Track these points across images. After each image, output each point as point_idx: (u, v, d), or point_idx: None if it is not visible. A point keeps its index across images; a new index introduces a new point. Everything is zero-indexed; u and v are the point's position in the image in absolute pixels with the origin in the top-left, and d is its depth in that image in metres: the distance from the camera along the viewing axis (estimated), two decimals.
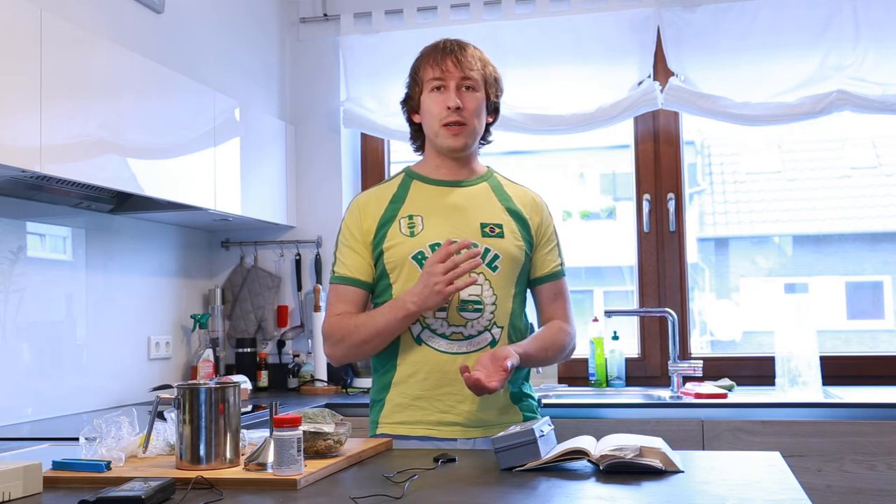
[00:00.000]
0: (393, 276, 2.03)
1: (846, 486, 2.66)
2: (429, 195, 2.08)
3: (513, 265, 2.04)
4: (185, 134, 2.93)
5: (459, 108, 2.01)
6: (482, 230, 2.03)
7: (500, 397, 2.00)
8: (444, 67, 2.03)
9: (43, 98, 2.26)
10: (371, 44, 3.69)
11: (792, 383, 3.07)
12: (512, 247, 2.04)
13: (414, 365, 2.00)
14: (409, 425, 2.00)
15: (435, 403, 1.99)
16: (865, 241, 4.17)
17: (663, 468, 1.55)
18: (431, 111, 2.05)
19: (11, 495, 1.40)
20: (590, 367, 3.42)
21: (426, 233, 2.01)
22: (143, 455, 1.69)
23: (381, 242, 2.03)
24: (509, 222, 2.06)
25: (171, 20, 3.11)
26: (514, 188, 2.15)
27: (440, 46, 2.09)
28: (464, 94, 2.03)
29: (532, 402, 2.10)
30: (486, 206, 2.07)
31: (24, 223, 2.69)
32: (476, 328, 1.98)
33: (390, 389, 2.04)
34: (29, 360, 2.68)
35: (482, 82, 2.06)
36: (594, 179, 4.39)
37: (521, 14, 3.54)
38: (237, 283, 3.72)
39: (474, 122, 2.05)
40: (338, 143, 3.75)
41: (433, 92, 2.05)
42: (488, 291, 2.00)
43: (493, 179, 2.15)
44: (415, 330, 1.99)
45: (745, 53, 3.38)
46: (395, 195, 2.09)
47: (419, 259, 1.99)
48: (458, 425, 1.98)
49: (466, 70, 2.03)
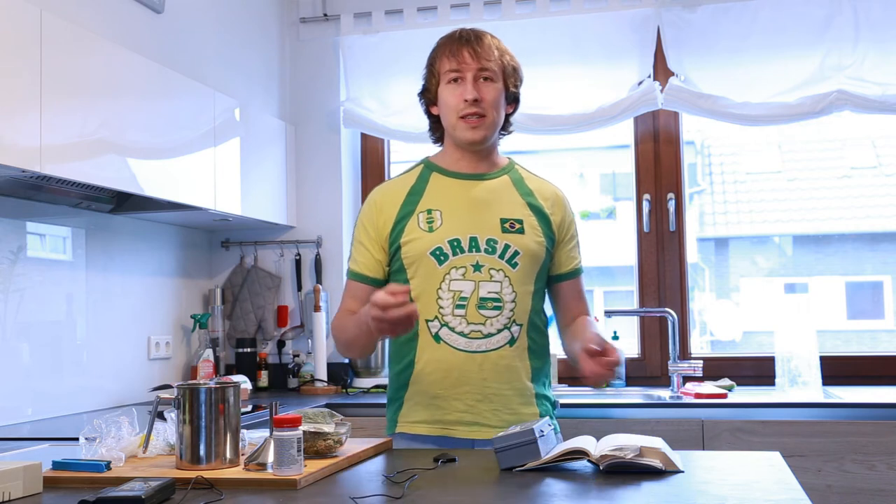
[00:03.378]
0: (410, 271, 2.00)
1: (846, 486, 2.66)
2: (448, 188, 2.05)
3: (533, 262, 2.00)
4: (185, 134, 2.93)
5: (477, 100, 1.97)
6: (502, 225, 2.00)
7: (521, 396, 1.99)
8: (460, 59, 1.99)
9: (43, 98, 2.26)
10: (371, 44, 3.69)
11: (792, 383, 3.07)
12: (532, 243, 2.00)
13: (432, 363, 1.98)
14: (428, 424, 1.99)
15: (454, 403, 1.97)
16: (865, 241, 4.17)
17: (663, 468, 1.55)
18: (449, 103, 2.01)
19: (11, 495, 1.40)
20: None
21: (445, 228, 1.99)
22: (143, 455, 1.69)
23: (398, 237, 2.01)
24: (530, 218, 2.03)
25: (171, 20, 3.11)
26: (536, 182, 2.11)
27: (456, 36, 2.03)
28: (481, 85, 1.98)
29: (548, 404, 2.07)
30: (507, 200, 2.04)
31: (24, 223, 2.69)
32: (495, 326, 1.96)
33: (408, 388, 2.02)
34: (29, 360, 2.68)
35: (500, 73, 2.01)
36: (594, 179, 4.39)
37: (521, 14, 3.54)
38: (237, 283, 3.72)
39: (493, 113, 2.00)
40: (338, 143, 3.75)
41: (450, 84, 2.00)
42: (508, 288, 1.97)
43: (514, 172, 2.10)
44: (433, 327, 1.97)
45: (745, 53, 3.38)
46: (413, 187, 2.06)
47: (437, 255, 1.97)
48: (477, 425, 1.96)
49: (483, 61, 1.98)
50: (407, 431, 2.01)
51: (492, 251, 1.97)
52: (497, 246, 1.98)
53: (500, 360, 1.96)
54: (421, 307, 1.98)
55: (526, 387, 2.00)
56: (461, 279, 1.96)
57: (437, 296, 1.97)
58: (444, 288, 1.97)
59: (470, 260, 1.97)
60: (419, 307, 1.98)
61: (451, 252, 1.97)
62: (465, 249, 1.97)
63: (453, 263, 1.97)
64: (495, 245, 1.98)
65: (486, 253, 1.97)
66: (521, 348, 1.99)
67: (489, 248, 1.97)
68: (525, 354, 2.00)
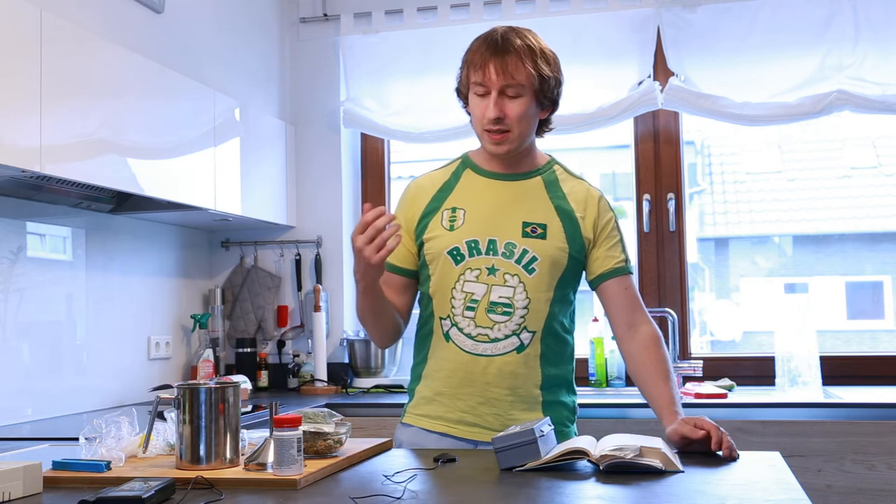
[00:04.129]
0: (431, 267, 2.00)
1: (846, 486, 2.66)
2: (477, 187, 2.03)
3: (552, 268, 1.96)
4: (185, 134, 2.93)
5: (500, 119, 1.92)
6: (523, 230, 1.97)
7: (524, 403, 1.97)
8: (486, 73, 1.91)
9: (43, 98, 2.26)
10: (371, 44, 3.69)
11: (792, 383, 3.07)
12: (553, 249, 1.96)
13: (440, 360, 1.99)
14: (431, 419, 1.99)
15: (456, 402, 1.97)
16: (865, 241, 4.17)
17: (663, 468, 1.55)
18: (475, 114, 1.98)
19: (11, 495, 1.40)
20: (590, 367, 3.42)
21: (465, 228, 1.98)
22: (143, 455, 1.69)
23: (423, 232, 2.02)
24: (555, 223, 1.98)
25: (171, 20, 3.11)
26: (572, 183, 2.04)
27: (486, 44, 1.94)
28: (506, 102, 1.92)
29: (565, 411, 2.02)
30: (534, 203, 2.00)
31: (24, 223, 2.69)
32: (503, 331, 1.94)
33: (420, 381, 2.04)
34: (29, 360, 2.68)
35: (529, 86, 1.92)
36: (594, 179, 4.38)
37: (521, 14, 3.54)
38: (237, 283, 3.72)
39: (517, 128, 1.94)
40: (338, 143, 3.75)
41: (477, 96, 1.96)
42: (521, 294, 1.94)
43: (549, 173, 2.05)
44: (445, 326, 1.97)
45: (745, 53, 3.38)
46: (445, 182, 2.05)
47: (454, 254, 1.96)
48: (477, 426, 1.95)
49: (508, 78, 1.90)
50: (412, 423, 2.02)
51: (509, 255, 1.95)
52: (515, 250, 1.95)
53: (505, 367, 1.95)
54: (436, 305, 2.00)
55: (531, 394, 1.97)
56: (475, 281, 1.95)
57: (450, 295, 1.97)
58: (457, 288, 1.96)
59: (486, 262, 1.96)
60: (436, 304, 2.00)
61: (467, 253, 1.96)
62: (483, 251, 1.96)
63: (469, 265, 1.96)
64: (513, 249, 1.96)
65: (503, 257, 1.95)
66: (532, 356, 1.96)
67: (507, 252, 1.96)
68: (536, 362, 1.97)
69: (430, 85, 3.63)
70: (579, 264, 2.02)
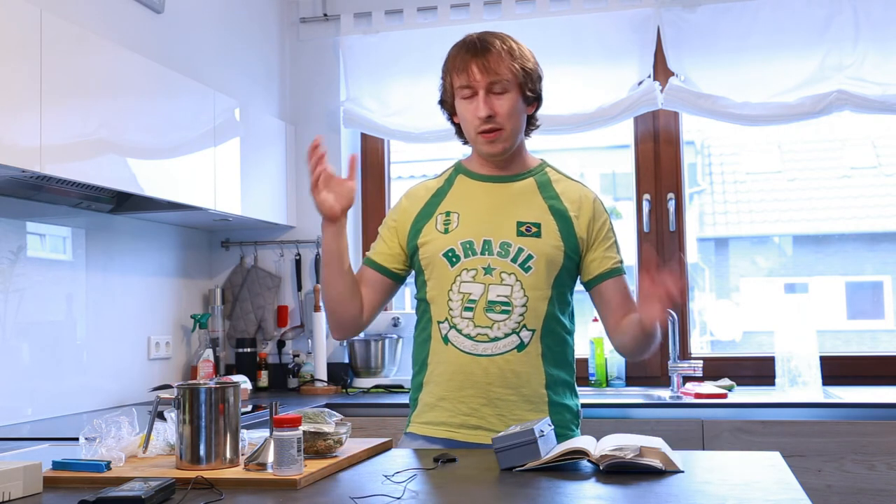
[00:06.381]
0: (427, 272, 2.01)
1: (846, 486, 2.66)
2: (470, 191, 2.04)
3: (549, 266, 1.97)
4: (185, 134, 2.93)
5: (491, 116, 1.94)
6: (518, 229, 1.97)
7: (529, 403, 1.96)
8: (469, 74, 1.94)
9: (43, 98, 2.26)
10: (371, 44, 3.69)
11: (792, 383, 3.07)
12: (549, 247, 1.97)
13: (440, 364, 1.98)
14: (434, 426, 1.98)
15: (459, 406, 1.95)
16: (865, 241, 4.17)
17: (663, 468, 1.55)
18: (465, 119, 1.99)
19: (11, 495, 1.40)
20: (590, 367, 3.42)
21: (459, 230, 1.98)
22: (143, 455, 1.69)
23: (416, 237, 2.03)
24: (549, 222, 1.99)
25: (171, 20, 3.11)
26: (565, 184, 2.06)
27: (465, 47, 1.98)
28: (494, 99, 1.94)
29: (568, 414, 2.01)
30: (527, 203, 2.01)
31: (24, 223, 2.69)
32: (503, 330, 1.94)
33: (422, 389, 2.02)
34: (29, 360, 2.68)
35: (514, 80, 1.95)
36: (594, 179, 4.39)
37: (521, 14, 3.54)
38: (237, 283, 3.72)
39: (509, 124, 1.97)
40: (338, 143, 3.75)
41: (464, 100, 1.98)
42: (519, 293, 1.94)
43: (542, 175, 2.06)
44: (443, 329, 1.97)
45: (745, 53, 3.38)
46: (439, 189, 2.08)
47: (449, 256, 1.97)
48: (481, 429, 1.94)
49: (493, 75, 1.93)
50: (416, 432, 2.01)
51: (505, 254, 1.96)
52: (511, 249, 1.96)
53: (507, 366, 1.94)
54: (434, 309, 1.99)
55: (537, 394, 1.96)
56: (471, 281, 1.95)
57: (448, 297, 1.97)
58: (454, 290, 1.96)
59: (481, 262, 1.96)
60: (434, 309, 2.00)
61: (462, 254, 1.97)
62: (478, 252, 1.96)
63: (464, 265, 1.96)
64: (509, 248, 1.96)
65: (498, 256, 1.96)
66: (533, 354, 1.95)
67: (502, 252, 1.96)
68: (538, 361, 1.96)
69: (430, 85, 3.57)
70: (574, 263, 2.02)
